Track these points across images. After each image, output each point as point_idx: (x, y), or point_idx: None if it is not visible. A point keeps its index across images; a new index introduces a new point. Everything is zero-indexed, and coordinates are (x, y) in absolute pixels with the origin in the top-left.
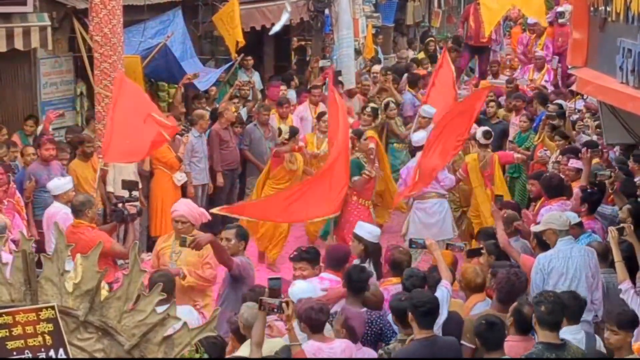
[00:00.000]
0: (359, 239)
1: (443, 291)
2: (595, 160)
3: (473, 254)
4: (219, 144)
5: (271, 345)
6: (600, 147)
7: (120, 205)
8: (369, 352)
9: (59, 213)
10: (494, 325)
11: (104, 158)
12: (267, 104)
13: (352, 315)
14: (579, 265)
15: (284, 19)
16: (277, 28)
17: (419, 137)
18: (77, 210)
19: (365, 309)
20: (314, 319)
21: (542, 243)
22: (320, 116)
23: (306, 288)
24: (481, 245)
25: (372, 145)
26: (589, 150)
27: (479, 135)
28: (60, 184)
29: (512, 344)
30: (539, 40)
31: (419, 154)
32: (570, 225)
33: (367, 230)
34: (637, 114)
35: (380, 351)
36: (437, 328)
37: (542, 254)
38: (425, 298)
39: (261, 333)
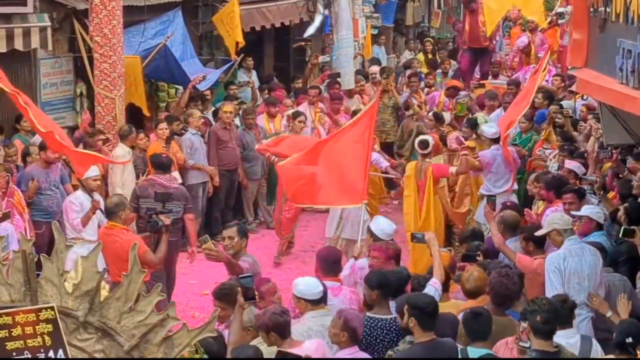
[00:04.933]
0: (374, 236)
1: (431, 289)
2: (608, 165)
3: (467, 259)
4: (216, 144)
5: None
6: (610, 149)
7: (154, 216)
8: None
9: (67, 199)
10: (479, 315)
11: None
12: (251, 108)
13: (351, 316)
14: (592, 264)
15: (317, 21)
16: (311, 30)
17: (492, 130)
18: (111, 212)
19: (393, 315)
20: (281, 322)
21: (539, 244)
22: (295, 116)
23: (312, 282)
24: (478, 252)
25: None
26: (599, 151)
27: (416, 145)
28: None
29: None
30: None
31: (495, 146)
32: (581, 220)
33: (379, 226)
34: (637, 114)
35: (389, 352)
36: None
37: (553, 254)
38: (427, 299)
39: (238, 332)
